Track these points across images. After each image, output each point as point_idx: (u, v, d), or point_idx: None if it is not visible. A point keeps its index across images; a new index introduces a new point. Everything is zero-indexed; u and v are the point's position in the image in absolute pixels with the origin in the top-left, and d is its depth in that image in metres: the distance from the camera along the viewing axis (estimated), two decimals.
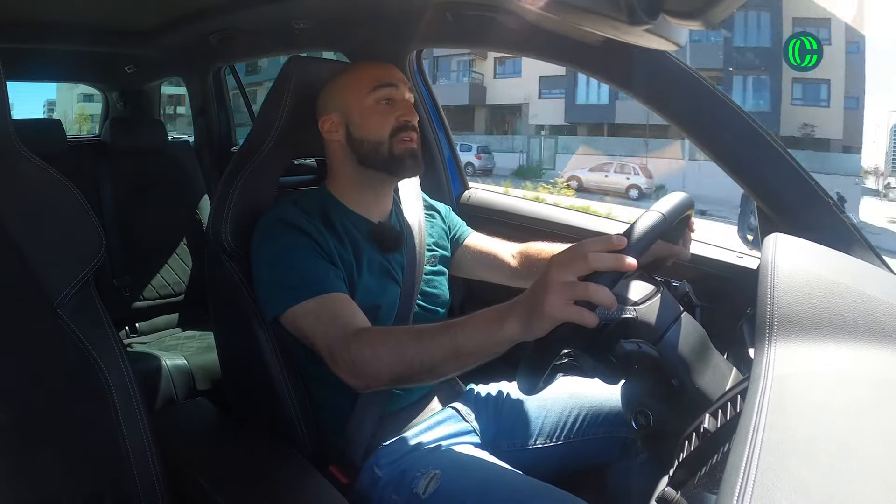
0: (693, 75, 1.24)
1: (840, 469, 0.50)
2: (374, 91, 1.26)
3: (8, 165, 0.94)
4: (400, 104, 1.27)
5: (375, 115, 1.26)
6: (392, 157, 1.26)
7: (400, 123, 1.25)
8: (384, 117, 1.25)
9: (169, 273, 2.59)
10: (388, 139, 1.25)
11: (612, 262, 0.82)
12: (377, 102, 1.26)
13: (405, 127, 1.26)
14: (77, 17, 2.05)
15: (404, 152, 1.26)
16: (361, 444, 1.22)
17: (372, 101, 1.26)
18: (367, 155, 1.27)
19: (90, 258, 0.96)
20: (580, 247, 0.84)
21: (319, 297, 1.12)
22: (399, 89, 1.28)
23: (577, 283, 0.81)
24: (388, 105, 1.26)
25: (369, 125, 1.26)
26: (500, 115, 28.12)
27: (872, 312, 0.72)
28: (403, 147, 1.26)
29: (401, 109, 1.26)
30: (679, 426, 0.85)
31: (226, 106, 2.88)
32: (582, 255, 0.82)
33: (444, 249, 1.46)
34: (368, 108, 1.26)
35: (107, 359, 0.94)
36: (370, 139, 1.26)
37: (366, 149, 1.27)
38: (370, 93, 1.26)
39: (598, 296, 0.80)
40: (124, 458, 0.93)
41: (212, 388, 2.11)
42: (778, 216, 1.20)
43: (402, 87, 1.28)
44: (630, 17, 0.85)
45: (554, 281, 0.82)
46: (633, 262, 0.82)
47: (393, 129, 1.25)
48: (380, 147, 1.26)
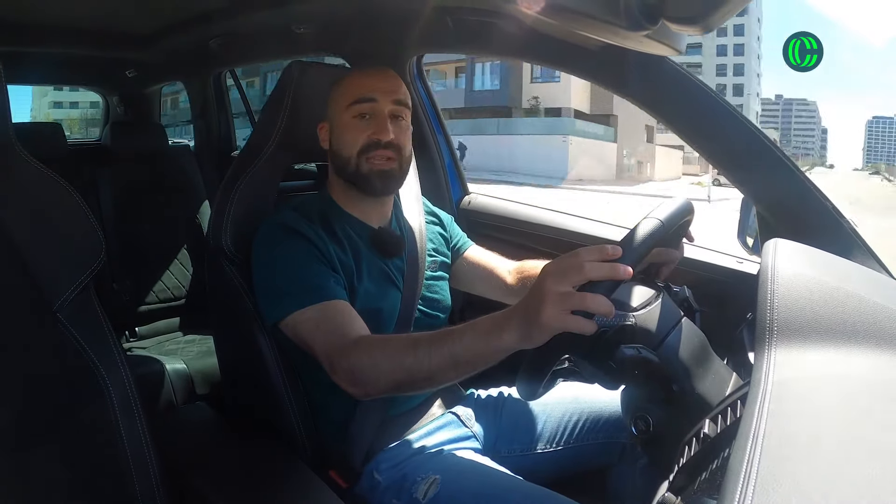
0: (693, 81, 1.24)
1: (841, 474, 0.50)
2: (352, 105, 1.25)
3: (8, 169, 0.94)
4: (376, 119, 1.25)
5: (349, 130, 1.25)
6: (359, 174, 1.25)
7: (371, 141, 1.24)
8: (356, 134, 1.25)
9: (169, 277, 2.59)
10: (356, 156, 1.25)
11: (607, 271, 0.82)
12: (353, 118, 1.25)
13: (376, 144, 1.24)
14: (78, 21, 2.06)
15: (370, 172, 1.25)
16: (361, 449, 1.22)
17: (349, 116, 1.25)
18: (341, 168, 1.28)
19: (90, 262, 0.96)
20: (575, 256, 0.84)
21: (319, 305, 1.12)
22: (379, 103, 1.25)
23: (573, 293, 0.81)
24: (362, 121, 1.25)
25: (343, 140, 1.26)
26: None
27: (873, 317, 0.72)
28: (370, 166, 1.25)
29: (374, 127, 1.24)
30: (679, 431, 0.85)
31: (226, 110, 2.89)
32: (577, 264, 0.82)
33: (445, 256, 1.46)
34: (345, 122, 1.26)
35: (106, 363, 0.94)
36: (342, 154, 1.26)
37: (339, 162, 1.28)
38: (348, 107, 1.25)
39: (595, 305, 0.80)
40: (123, 462, 0.93)
41: (211, 392, 2.11)
42: (777, 221, 1.20)
43: (382, 99, 1.25)
44: (630, 22, 0.85)
45: (550, 291, 0.82)
46: (629, 270, 0.82)
47: (362, 147, 1.24)
48: (349, 163, 1.26)
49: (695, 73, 1.27)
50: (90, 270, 0.96)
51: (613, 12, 0.85)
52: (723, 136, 1.22)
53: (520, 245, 1.74)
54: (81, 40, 2.20)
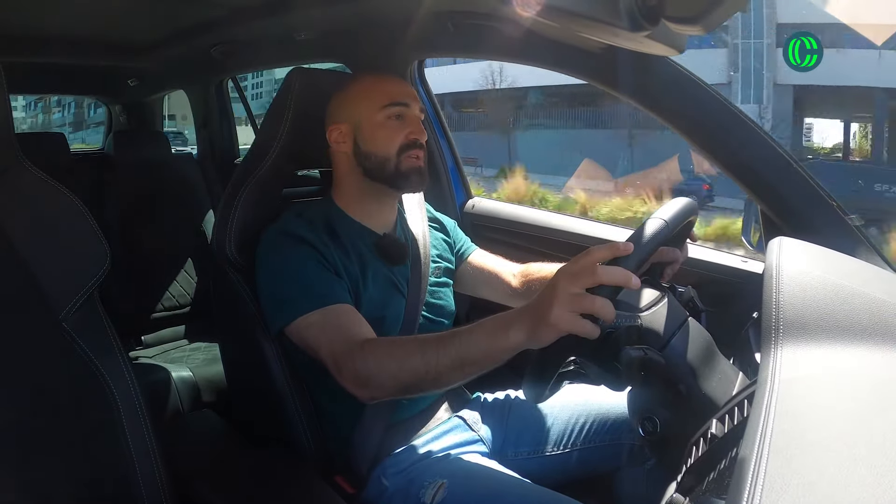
0: (695, 81, 1.24)
1: (849, 472, 0.50)
2: (387, 107, 1.26)
3: (12, 178, 0.94)
4: (410, 121, 1.27)
5: (385, 130, 1.26)
6: (398, 173, 1.26)
7: (409, 141, 1.26)
8: (394, 133, 1.26)
9: (174, 285, 2.59)
10: (396, 156, 1.26)
11: (620, 278, 0.82)
12: (388, 118, 1.26)
13: (414, 144, 1.26)
14: (79, 31, 2.06)
15: (410, 169, 1.26)
16: (368, 454, 1.22)
17: (383, 116, 1.26)
18: (373, 169, 1.27)
19: (95, 271, 0.96)
20: (587, 256, 0.85)
21: (324, 309, 1.13)
22: (410, 107, 1.28)
23: (584, 295, 0.82)
24: (399, 121, 1.27)
25: (378, 140, 1.26)
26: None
27: (879, 314, 0.71)
28: (410, 164, 1.26)
29: (411, 127, 1.27)
30: (686, 432, 0.84)
31: (229, 118, 2.89)
32: (591, 267, 0.83)
33: (449, 262, 1.45)
34: (379, 122, 1.26)
35: (112, 371, 0.94)
36: (378, 154, 1.26)
37: (372, 163, 1.27)
38: (383, 108, 1.26)
39: (603, 311, 0.81)
40: (130, 470, 0.93)
41: (217, 399, 2.10)
42: (781, 219, 1.20)
43: (413, 105, 1.28)
44: (631, 23, 0.85)
45: (562, 291, 0.83)
46: (638, 281, 0.83)
47: (401, 147, 1.25)
48: (387, 163, 1.26)
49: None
50: (95, 279, 0.96)
51: (613, 13, 0.85)
52: (725, 136, 1.22)
53: (524, 248, 1.74)
54: (83, 50, 2.21)
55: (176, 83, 2.92)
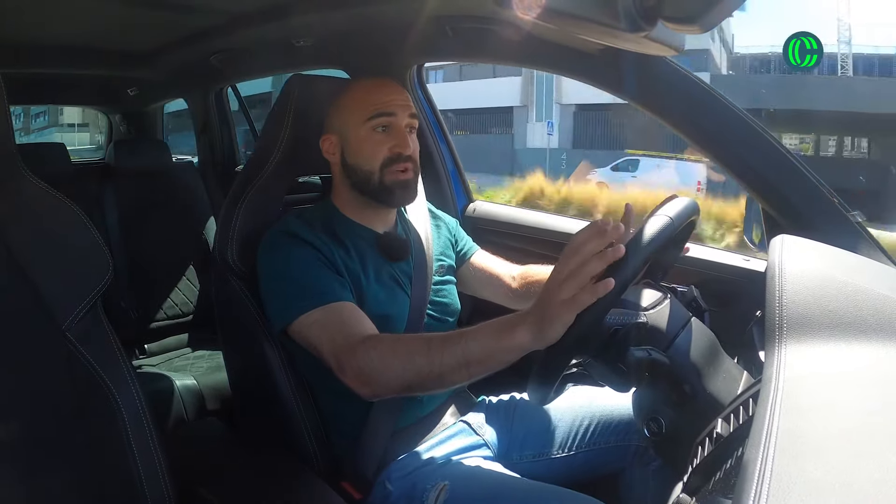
0: (693, 80, 1.24)
1: (856, 469, 0.50)
2: (371, 119, 1.24)
3: (13, 189, 0.94)
4: (396, 133, 1.25)
5: (369, 143, 1.25)
6: (382, 187, 1.25)
7: (393, 154, 1.24)
8: (377, 147, 1.24)
9: (177, 293, 2.59)
10: (379, 170, 1.25)
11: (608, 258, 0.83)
12: (373, 130, 1.25)
13: (398, 158, 1.25)
14: (79, 41, 2.08)
15: (394, 184, 1.25)
16: (373, 460, 1.21)
17: (367, 129, 1.24)
18: (359, 182, 1.27)
19: (97, 281, 0.96)
20: (570, 244, 0.86)
21: (326, 307, 1.12)
22: (397, 117, 1.25)
23: (575, 272, 0.83)
24: (384, 133, 1.25)
25: (362, 153, 1.25)
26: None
27: (882, 310, 0.71)
28: (393, 178, 1.25)
29: (395, 139, 1.25)
30: (692, 432, 0.84)
31: (229, 125, 2.90)
32: (576, 247, 0.85)
33: (451, 259, 1.45)
34: (363, 136, 1.25)
35: (116, 380, 0.94)
36: (362, 168, 1.26)
37: (358, 176, 1.27)
38: (367, 120, 1.24)
39: (596, 268, 0.83)
40: (135, 479, 0.93)
41: (222, 407, 2.10)
42: (783, 217, 1.20)
43: (401, 113, 1.26)
44: (628, 24, 0.85)
45: (555, 283, 0.85)
46: (621, 249, 0.84)
47: (385, 160, 1.24)
48: (371, 176, 1.25)
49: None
50: (98, 289, 0.96)
51: (611, 14, 0.85)
52: (725, 135, 1.22)
53: (526, 251, 1.73)
54: (83, 59, 2.22)
55: (176, 91, 2.92)
